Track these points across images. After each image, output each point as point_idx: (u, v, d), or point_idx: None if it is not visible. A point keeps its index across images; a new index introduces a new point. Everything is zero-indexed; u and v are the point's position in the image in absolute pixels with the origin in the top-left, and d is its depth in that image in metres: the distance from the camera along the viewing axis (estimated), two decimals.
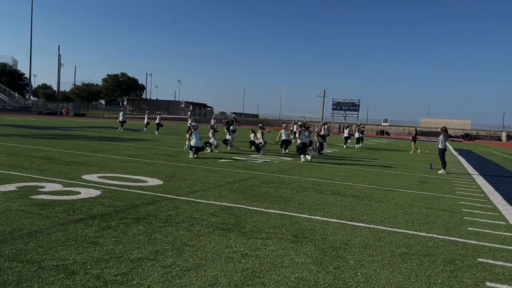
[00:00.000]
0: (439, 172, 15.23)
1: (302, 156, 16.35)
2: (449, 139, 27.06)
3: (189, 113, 26.83)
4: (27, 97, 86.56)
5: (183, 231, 5.31)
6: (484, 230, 6.60)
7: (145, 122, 30.92)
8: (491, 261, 5.03)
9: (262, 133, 18.78)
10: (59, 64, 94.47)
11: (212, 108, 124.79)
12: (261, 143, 18.32)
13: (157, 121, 28.89)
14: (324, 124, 32.04)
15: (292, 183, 10.20)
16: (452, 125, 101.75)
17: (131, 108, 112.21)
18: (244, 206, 7.08)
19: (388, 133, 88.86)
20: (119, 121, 30.53)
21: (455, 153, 30.27)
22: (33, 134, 21.40)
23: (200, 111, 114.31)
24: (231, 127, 20.38)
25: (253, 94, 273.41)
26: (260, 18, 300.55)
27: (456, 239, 5.96)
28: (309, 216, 6.69)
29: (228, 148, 18.65)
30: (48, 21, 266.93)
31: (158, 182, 8.98)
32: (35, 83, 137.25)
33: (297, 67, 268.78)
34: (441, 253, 5.22)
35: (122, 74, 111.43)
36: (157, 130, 28.68)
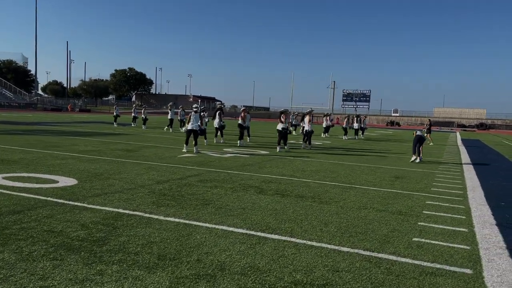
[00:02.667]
0: (411, 160, 14.59)
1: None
2: (463, 129, 25.80)
3: (169, 105, 26.79)
4: (33, 93, 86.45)
5: (8, 253, 4.03)
6: (433, 242, 5.18)
7: (132, 116, 29.91)
8: None
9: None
10: (67, 61, 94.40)
11: (221, 101, 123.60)
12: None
13: (142, 116, 27.88)
14: (327, 115, 30.92)
15: (237, 181, 8.86)
16: (466, 115, 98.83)
17: (140, 103, 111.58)
18: (141, 214, 5.78)
19: (398, 124, 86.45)
20: (113, 116, 30.36)
21: (459, 143, 28.51)
22: (1, 130, 20.39)
23: (209, 105, 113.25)
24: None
25: (265, 87, 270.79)
26: (268, 9, 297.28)
27: (386, 256, 4.56)
28: (212, 226, 5.36)
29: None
30: (61, 18, 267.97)
31: (71, 182, 7.73)
32: (47, 79, 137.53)
33: (307, 59, 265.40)
34: (348, 281, 3.85)
35: (130, 69, 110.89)
36: (144, 124, 27.65)
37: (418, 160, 14.29)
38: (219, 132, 18.83)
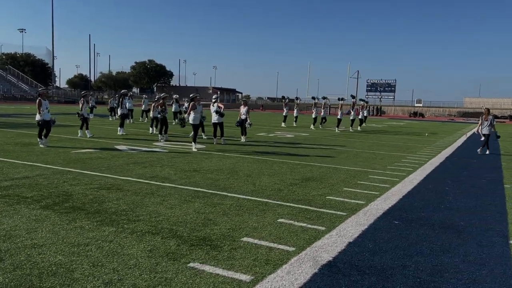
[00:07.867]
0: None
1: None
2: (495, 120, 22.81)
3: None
4: (51, 86, 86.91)
5: None
6: None
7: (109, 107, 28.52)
8: None
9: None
10: (90, 54, 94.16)
11: (241, 93, 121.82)
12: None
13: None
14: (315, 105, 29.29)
15: (60, 186, 6.82)
16: (500, 105, 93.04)
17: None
18: None
19: (422, 115, 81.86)
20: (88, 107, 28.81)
21: (467, 135, 25.40)
22: None
23: (229, 96, 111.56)
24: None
25: (291, 78, 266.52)
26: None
27: None
28: None
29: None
30: (91, 12, 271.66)
31: None
32: (77, 73, 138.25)
33: (333, 49, 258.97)
34: None
35: (150, 61, 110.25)
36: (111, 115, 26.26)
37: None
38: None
